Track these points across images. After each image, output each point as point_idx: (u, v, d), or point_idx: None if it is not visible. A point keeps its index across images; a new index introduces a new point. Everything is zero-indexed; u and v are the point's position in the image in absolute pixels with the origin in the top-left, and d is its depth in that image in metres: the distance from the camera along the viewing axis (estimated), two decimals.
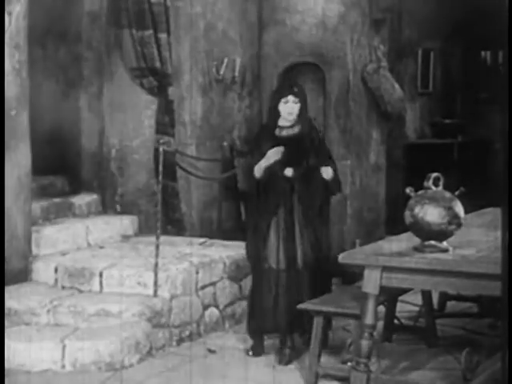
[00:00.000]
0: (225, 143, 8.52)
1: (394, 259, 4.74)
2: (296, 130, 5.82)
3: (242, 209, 8.50)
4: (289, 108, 5.75)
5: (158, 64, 7.55)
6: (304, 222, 5.72)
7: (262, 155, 5.71)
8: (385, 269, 4.72)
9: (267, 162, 5.68)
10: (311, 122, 6.00)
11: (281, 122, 5.83)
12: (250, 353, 5.89)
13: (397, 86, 9.31)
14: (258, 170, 5.73)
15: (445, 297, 6.73)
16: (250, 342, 5.96)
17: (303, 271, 5.69)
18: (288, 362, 5.68)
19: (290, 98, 5.75)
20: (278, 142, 5.75)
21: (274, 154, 5.67)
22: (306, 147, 5.78)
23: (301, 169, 5.73)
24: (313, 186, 5.72)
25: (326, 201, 5.85)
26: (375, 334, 4.92)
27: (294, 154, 5.72)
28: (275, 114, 5.83)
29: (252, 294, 5.93)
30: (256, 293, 5.84)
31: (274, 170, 5.71)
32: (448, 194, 4.76)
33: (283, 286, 5.70)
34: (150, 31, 7.49)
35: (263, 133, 5.98)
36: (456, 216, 4.69)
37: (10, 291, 6.11)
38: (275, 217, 5.72)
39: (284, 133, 5.82)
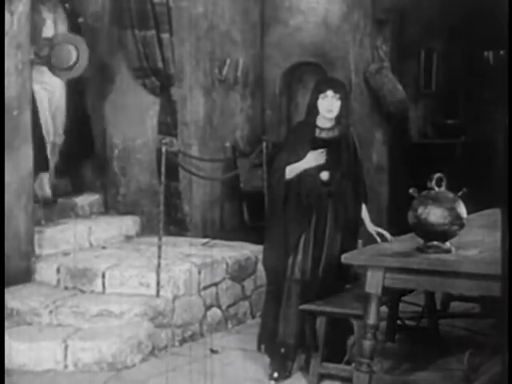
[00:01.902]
0: (227, 143, 8.53)
1: (397, 260, 4.74)
2: (336, 132, 5.35)
3: (244, 209, 8.50)
4: (328, 104, 5.27)
5: (160, 64, 7.55)
6: (334, 230, 5.32)
7: (296, 155, 5.29)
8: (387, 269, 4.72)
9: (308, 164, 5.26)
10: (349, 127, 5.48)
11: (320, 122, 5.35)
12: (275, 374, 5.35)
13: (399, 86, 9.31)
14: (293, 171, 5.28)
15: (448, 297, 6.72)
16: (269, 364, 5.44)
17: (322, 281, 5.31)
18: (288, 376, 5.44)
19: (329, 92, 5.26)
20: (317, 143, 5.31)
21: (317, 158, 5.25)
22: (342, 152, 5.37)
23: (337, 174, 5.32)
24: (347, 193, 5.35)
25: (357, 210, 5.43)
26: (378, 334, 4.92)
27: (331, 158, 5.29)
28: (313, 112, 5.34)
29: (268, 306, 5.44)
30: (274, 305, 5.35)
31: (310, 173, 5.29)
32: (451, 195, 4.76)
33: (304, 296, 5.28)
34: (153, 31, 7.49)
35: (299, 132, 5.46)
36: (459, 216, 4.69)
37: (12, 292, 6.12)
38: (308, 227, 5.30)
39: (324, 134, 5.35)
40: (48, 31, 7.13)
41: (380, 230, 5.45)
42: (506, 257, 3.37)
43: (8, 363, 5.43)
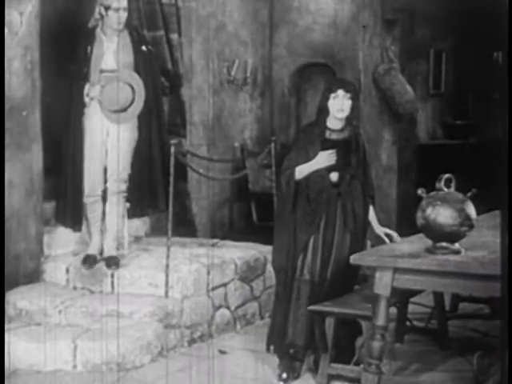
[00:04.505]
0: (236, 144, 8.53)
1: (406, 261, 4.73)
2: (346, 133, 5.35)
3: (253, 209, 8.50)
4: (339, 104, 5.25)
5: (169, 65, 7.56)
6: (343, 231, 5.32)
7: (306, 156, 5.31)
8: (396, 270, 4.72)
9: (319, 165, 5.27)
10: (359, 128, 5.57)
11: (330, 123, 5.35)
12: (284, 375, 5.37)
13: (408, 86, 9.30)
14: (303, 171, 5.29)
15: (457, 298, 6.70)
16: (278, 364, 5.44)
17: (331, 281, 5.31)
18: (297, 377, 5.44)
19: (340, 92, 5.25)
20: (327, 144, 5.31)
21: (327, 159, 5.27)
22: (352, 153, 5.37)
23: (346, 174, 5.34)
24: (356, 194, 5.36)
25: (366, 210, 5.43)
26: (387, 335, 4.92)
27: (341, 159, 5.31)
28: (324, 113, 5.33)
29: (277, 307, 5.42)
30: (283, 306, 5.36)
31: (319, 173, 5.31)
32: (460, 196, 4.75)
33: (313, 296, 5.28)
34: (162, 32, 7.51)
35: (309, 132, 5.43)
36: (468, 217, 4.68)
37: (21, 291, 6.13)
38: (317, 228, 5.30)
39: (334, 136, 5.33)
40: (108, 62, 6.31)
41: (388, 230, 5.46)
42: (505, 257, 3.37)
43: (17, 363, 5.45)
